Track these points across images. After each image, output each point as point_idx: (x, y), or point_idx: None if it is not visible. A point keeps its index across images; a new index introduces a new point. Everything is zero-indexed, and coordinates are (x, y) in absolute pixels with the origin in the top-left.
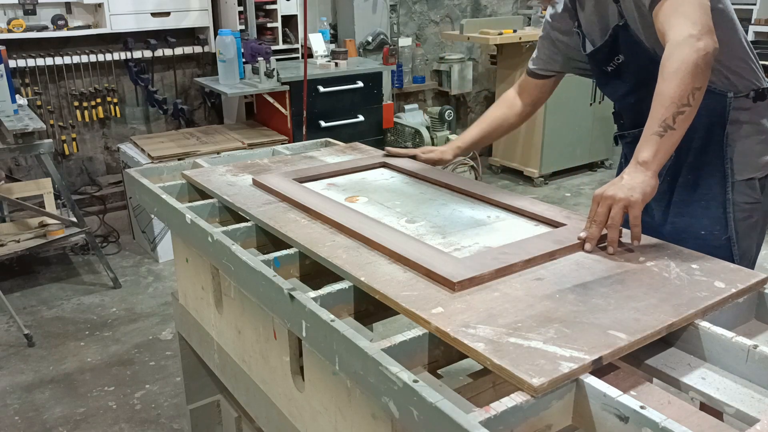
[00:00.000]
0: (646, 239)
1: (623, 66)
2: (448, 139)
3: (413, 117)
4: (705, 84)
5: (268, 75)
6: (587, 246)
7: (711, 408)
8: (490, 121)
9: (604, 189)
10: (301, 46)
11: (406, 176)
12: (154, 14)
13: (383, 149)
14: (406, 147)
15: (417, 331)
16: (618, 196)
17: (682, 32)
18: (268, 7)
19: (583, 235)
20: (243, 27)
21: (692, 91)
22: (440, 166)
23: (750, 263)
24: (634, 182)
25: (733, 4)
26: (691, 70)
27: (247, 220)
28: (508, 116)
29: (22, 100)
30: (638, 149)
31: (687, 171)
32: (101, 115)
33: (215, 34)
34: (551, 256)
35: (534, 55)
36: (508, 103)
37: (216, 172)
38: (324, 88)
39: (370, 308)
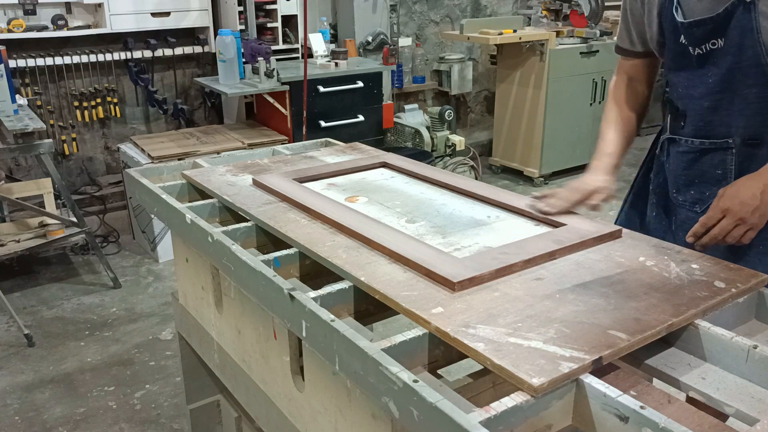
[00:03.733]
0: (646, 239)
1: (716, 54)
2: (448, 139)
3: (413, 117)
4: None
5: (268, 75)
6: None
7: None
8: (625, 124)
9: (741, 204)
10: (301, 46)
11: (406, 176)
12: (154, 14)
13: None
14: (406, 147)
15: (417, 331)
16: (749, 222)
17: None
18: (268, 7)
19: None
20: (243, 27)
21: None
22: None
23: None
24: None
25: None
26: None
27: (247, 220)
28: (638, 110)
29: (22, 100)
30: None
31: None
32: (101, 115)
33: (215, 34)
34: (551, 256)
35: (619, 31)
36: (625, 97)
37: (216, 172)
38: (324, 88)
39: (370, 308)
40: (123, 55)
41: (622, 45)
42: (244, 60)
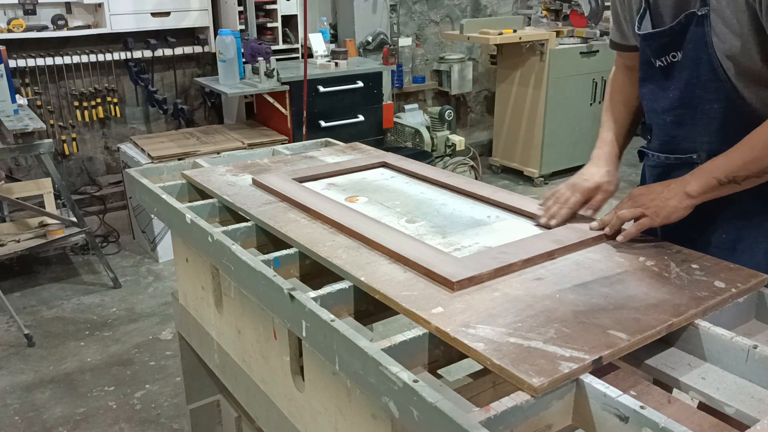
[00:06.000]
0: (646, 239)
1: (676, 67)
2: (448, 139)
3: (413, 117)
4: None
5: (268, 75)
6: (606, 229)
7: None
8: (627, 112)
9: (643, 190)
10: (301, 46)
11: (406, 176)
12: (154, 14)
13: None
14: (406, 147)
15: (417, 331)
16: (643, 204)
17: None
18: (268, 7)
19: (596, 224)
20: (243, 27)
21: None
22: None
23: None
24: (669, 204)
25: None
26: None
27: (247, 220)
28: (635, 106)
29: (22, 100)
30: (691, 178)
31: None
32: (101, 115)
33: (215, 34)
34: (551, 255)
35: (612, 27)
36: (624, 86)
37: (216, 172)
38: (324, 88)
39: (370, 308)
40: (123, 55)
41: (615, 40)
42: (244, 60)
